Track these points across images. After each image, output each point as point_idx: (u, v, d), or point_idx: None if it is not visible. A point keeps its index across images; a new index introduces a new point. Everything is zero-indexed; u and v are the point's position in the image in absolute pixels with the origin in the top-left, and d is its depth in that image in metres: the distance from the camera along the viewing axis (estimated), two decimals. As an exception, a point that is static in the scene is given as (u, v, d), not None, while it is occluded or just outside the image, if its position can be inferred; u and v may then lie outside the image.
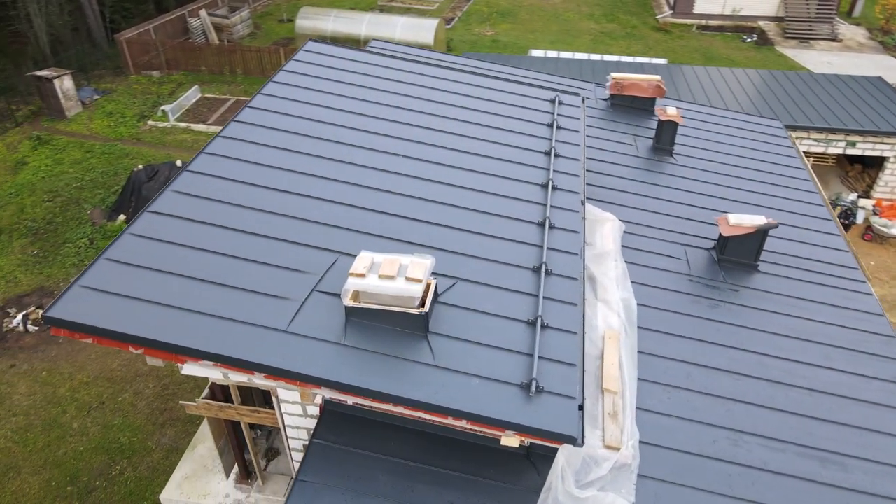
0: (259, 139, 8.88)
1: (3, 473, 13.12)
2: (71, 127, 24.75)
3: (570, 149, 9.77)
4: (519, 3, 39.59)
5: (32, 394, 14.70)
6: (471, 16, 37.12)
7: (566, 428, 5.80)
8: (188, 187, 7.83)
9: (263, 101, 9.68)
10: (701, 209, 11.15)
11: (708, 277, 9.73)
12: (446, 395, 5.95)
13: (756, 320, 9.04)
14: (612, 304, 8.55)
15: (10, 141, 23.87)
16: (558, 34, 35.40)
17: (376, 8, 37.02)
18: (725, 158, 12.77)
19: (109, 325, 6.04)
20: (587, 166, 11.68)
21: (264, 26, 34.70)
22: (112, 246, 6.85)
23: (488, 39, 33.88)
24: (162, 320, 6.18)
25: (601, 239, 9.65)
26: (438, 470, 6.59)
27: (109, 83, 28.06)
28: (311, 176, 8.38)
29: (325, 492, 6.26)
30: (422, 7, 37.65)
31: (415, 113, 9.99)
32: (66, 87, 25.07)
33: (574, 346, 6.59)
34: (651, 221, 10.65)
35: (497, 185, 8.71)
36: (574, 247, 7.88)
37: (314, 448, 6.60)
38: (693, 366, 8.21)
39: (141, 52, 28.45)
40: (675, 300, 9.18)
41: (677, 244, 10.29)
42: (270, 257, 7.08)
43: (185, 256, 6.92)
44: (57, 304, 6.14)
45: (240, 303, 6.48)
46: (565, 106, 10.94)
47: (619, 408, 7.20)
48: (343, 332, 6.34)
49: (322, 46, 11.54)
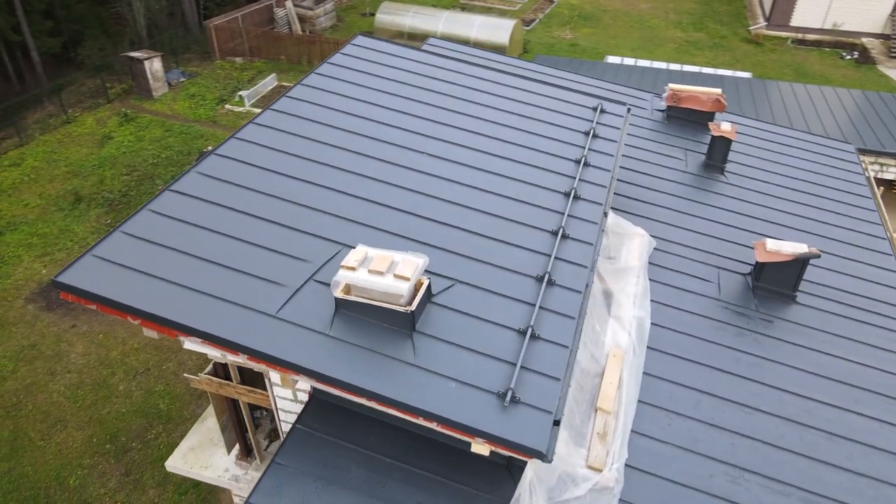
0: (289, 128, 9.10)
1: (52, 425, 14.05)
2: (155, 106, 26.15)
3: (602, 159, 9.52)
4: (603, 7, 38.81)
5: (87, 354, 15.66)
6: (552, 18, 36.69)
7: (535, 442, 5.67)
8: (212, 170, 8.13)
9: (302, 92, 9.92)
10: (744, 231, 10.62)
11: (738, 304, 9.26)
12: (419, 394, 5.93)
13: (782, 354, 8.54)
14: (624, 322, 8.28)
15: (100, 116, 25.46)
16: (640, 41, 34.49)
17: (458, 6, 37.17)
18: (782, 180, 12.11)
19: (111, 294, 6.36)
20: (630, 179, 11.37)
21: (347, 19, 35.52)
22: (129, 220, 7.21)
23: (567, 43, 33.41)
24: (160, 295, 6.46)
25: (626, 254, 9.36)
26: (413, 469, 6.59)
27: (196, 67, 29.45)
28: (333, 167, 8.52)
29: (298, 477, 6.37)
30: (504, 7, 37.52)
31: (449, 112, 9.98)
32: (155, 68, 26.50)
33: (562, 360, 6.42)
34: (687, 240, 10.24)
35: (517, 189, 8.59)
36: (584, 259, 7.68)
37: (295, 433, 6.73)
38: (703, 394, 7.84)
39: (227, 39, 29.70)
40: (696, 324, 8.79)
41: (711, 266, 9.84)
42: (276, 244, 7.26)
43: (196, 236, 7.20)
44: (67, 270, 6.52)
45: (236, 285, 6.68)
46: (608, 115, 10.65)
47: (610, 428, 6.97)
48: (330, 323, 6.43)
49: (370, 41, 11.70)
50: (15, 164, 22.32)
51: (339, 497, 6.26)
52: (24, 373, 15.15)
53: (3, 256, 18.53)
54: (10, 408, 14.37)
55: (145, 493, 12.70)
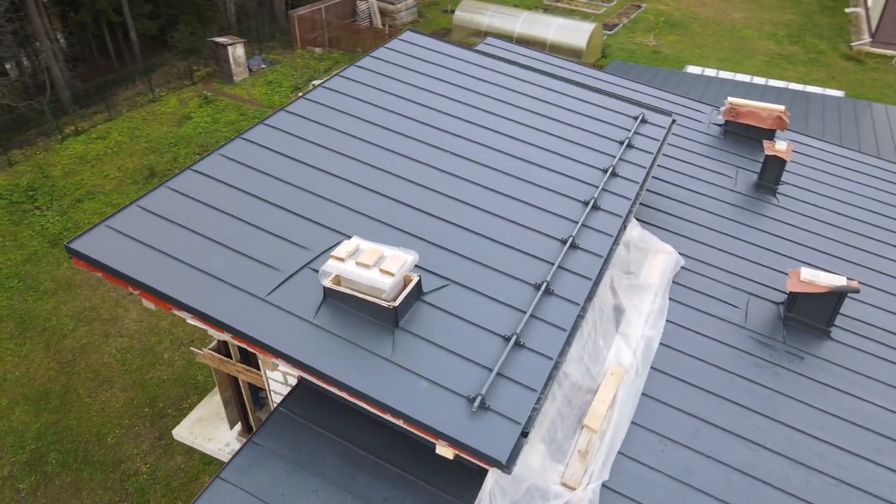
0: (319, 118, 9.29)
1: (100, 384, 14.92)
2: (234, 90, 27.25)
3: (632, 170, 9.20)
4: (693, 15, 37.45)
5: (140, 321, 16.52)
6: (637, 24, 35.72)
7: (496, 451, 5.56)
8: (235, 153, 8.40)
9: (338, 83, 10.10)
10: (786, 258, 10.01)
11: (764, 334, 8.75)
12: (389, 390, 5.94)
13: (802, 390, 8.01)
14: (631, 340, 7.99)
15: (183, 97, 26.77)
16: (729, 52, 33.08)
17: (540, 7, 36.77)
18: (839, 207, 11.33)
19: (114, 264, 6.69)
20: (672, 194, 10.93)
21: (428, 15, 35.82)
22: (146, 195, 7.55)
23: (648, 50, 32.46)
24: (160, 268, 6.74)
25: (648, 270, 9.02)
26: (386, 465, 6.60)
27: (277, 55, 30.47)
28: (352, 159, 8.63)
29: (272, 459, 6.51)
30: (587, 10, 36.83)
31: (480, 111, 9.91)
32: (238, 54, 27.60)
33: (543, 372, 6.26)
34: (721, 262, 9.75)
35: (533, 194, 8.44)
36: (589, 271, 7.45)
37: (277, 415, 6.88)
38: (704, 423, 7.46)
39: (309, 29, 30.58)
40: (712, 349, 8.37)
41: (741, 291, 9.33)
42: (281, 229, 7.43)
43: (207, 216, 7.46)
44: (80, 237, 6.91)
45: (234, 265, 6.89)
46: (649, 125, 10.29)
47: (594, 447, 6.75)
48: (316, 312, 6.52)
49: (419, 38, 11.77)
50: (101, 137, 23.81)
51: (307, 483, 6.35)
52: (82, 333, 16.17)
53: (79, 222, 19.80)
54: (65, 364, 15.37)
55: (173, 459, 13.30)
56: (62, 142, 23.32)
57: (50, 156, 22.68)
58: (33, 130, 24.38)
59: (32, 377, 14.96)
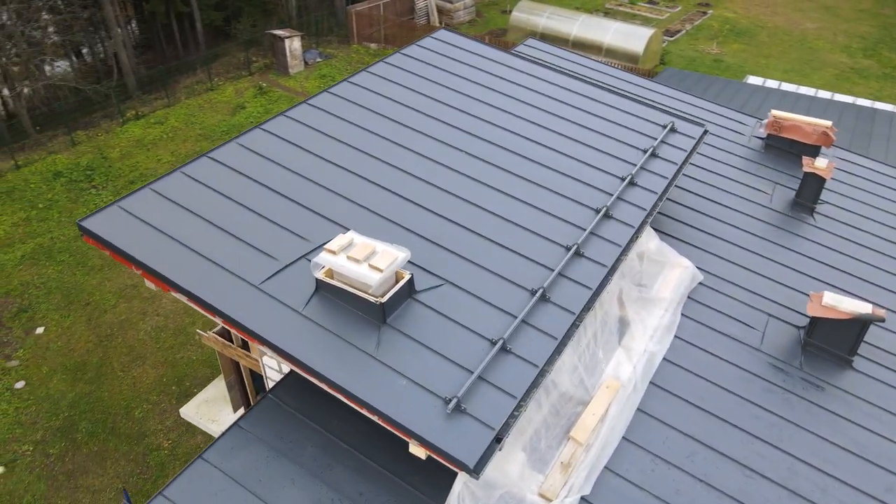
0: (339, 112, 9.38)
1: (133, 360, 15.49)
2: (289, 83, 27.83)
3: (652, 180, 8.95)
4: (762, 24, 36.13)
5: (177, 301, 17.06)
6: (701, 31, 34.71)
7: (465, 455, 5.51)
8: (251, 143, 8.58)
9: (363, 79, 10.18)
10: (814, 280, 9.55)
11: (780, 358, 8.37)
12: (367, 386, 5.95)
13: (813, 420, 7.63)
14: (633, 354, 7.78)
15: (239, 87, 27.51)
16: (796, 63, 31.79)
17: (601, 11, 36.17)
18: (883, 231, 10.73)
19: (122, 244, 6.94)
20: (701, 207, 10.58)
21: (486, 15, 35.73)
22: (160, 179, 7.79)
23: (710, 58, 31.51)
24: (163, 250, 6.95)
25: (662, 284, 8.76)
26: (366, 460, 6.62)
27: (334, 49, 30.97)
28: (367, 154, 8.69)
29: (254, 444, 6.62)
30: (650, 15, 36.01)
31: (503, 113, 9.82)
32: (294, 47, 28.17)
33: (526, 379, 6.16)
34: (743, 280, 9.38)
35: (544, 199, 8.30)
36: (591, 280, 7.28)
37: (265, 402, 6.99)
38: (702, 446, 7.19)
39: (366, 25, 30.95)
40: (721, 370, 8.06)
41: (761, 312, 8.96)
42: (285, 220, 7.54)
43: (215, 202, 7.65)
44: (92, 216, 7.19)
45: (233, 252, 7.03)
46: (678, 135, 9.98)
47: (577, 461, 6.59)
48: (306, 303, 6.60)
49: (452, 37, 11.75)
50: (159, 123, 24.71)
51: (285, 471, 6.44)
52: (122, 309, 16.82)
53: (131, 203, 20.58)
54: (104, 338, 16.02)
55: (193, 438, 13.69)
56: (123, 125, 24.32)
57: (110, 138, 23.68)
58: (98, 113, 25.49)
59: (73, 348, 15.66)
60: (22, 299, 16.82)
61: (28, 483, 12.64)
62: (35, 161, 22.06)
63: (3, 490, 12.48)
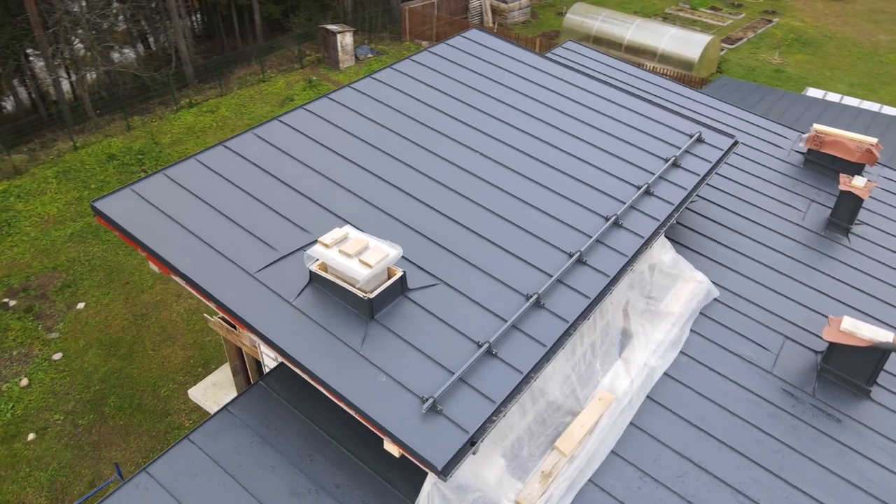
0: (359, 108, 9.46)
1: (164, 340, 15.99)
2: (339, 77, 28.22)
3: (670, 190, 8.70)
4: (830, 34, 34.66)
5: (211, 284, 17.44)
6: (763, 39, 33.55)
7: (435, 456, 5.47)
8: (267, 134, 8.73)
9: (387, 75, 10.23)
10: (840, 304, 9.11)
11: (792, 383, 8.02)
12: (346, 380, 5.98)
13: (819, 450, 7.28)
14: (632, 367, 7.58)
15: (290, 79, 28.06)
16: (864, 77, 30.40)
17: (659, 15, 35.36)
18: (922, 256, 10.15)
19: (128, 226, 7.17)
20: (728, 221, 10.24)
21: (541, 16, 35.41)
22: (175, 165, 8.01)
23: (771, 68, 30.42)
24: (167, 235, 7.14)
25: (672, 298, 8.51)
26: (347, 453, 6.66)
27: (385, 45, 31.24)
28: (379, 150, 8.73)
29: (240, 429, 6.74)
30: (711, 22, 35.00)
31: (524, 115, 9.70)
32: (346, 42, 28.56)
33: (508, 384, 6.08)
34: (763, 299, 9.02)
35: (553, 203, 8.17)
36: (590, 290, 7.12)
37: (255, 389, 7.11)
38: (695, 467, 6.96)
39: (419, 23, 31.11)
40: (726, 391, 7.78)
41: (777, 333, 8.60)
42: (290, 211, 7.65)
43: (224, 191, 7.82)
44: (105, 197, 7.45)
45: (235, 240, 7.17)
46: (704, 145, 9.67)
47: (559, 470, 6.47)
48: (297, 294, 6.68)
49: (484, 37, 11.69)
50: (210, 111, 25.44)
51: (267, 458, 6.53)
52: (159, 290, 17.40)
53: (177, 187, 21.27)
54: (139, 317, 16.61)
55: (214, 417, 14.04)
56: (176, 112, 25.14)
57: (163, 124, 24.52)
58: (155, 100, 26.42)
59: (109, 325, 16.29)
60: (67, 275, 17.59)
61: (56, 451, 13.20)
62: (92, 143, 23.03)
63: (31, 455, 13.08)
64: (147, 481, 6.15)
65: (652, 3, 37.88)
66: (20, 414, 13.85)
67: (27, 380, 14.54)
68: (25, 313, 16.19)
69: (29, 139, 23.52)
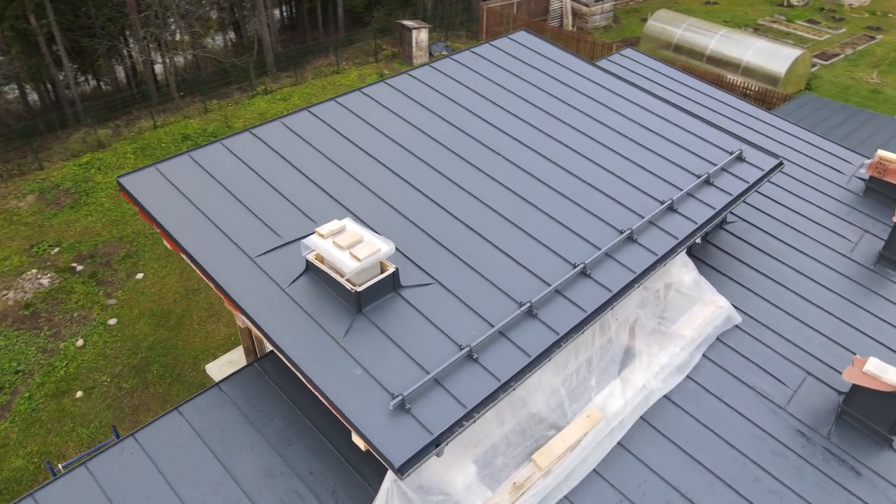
0: (389, 103, 9.55)
1: (210, 316, 16.67)
2: (411, 73, 28.52)
3: (697, 208, 8.33)
4: (939, 55, 32.15)
5: (261, 266, 18.03)
6: (863, 56, 31.52)
7: (394, 454, 5.48)
8: (295, 124, 8.95)
9: (424, 73, 10.28)
10: (877, 343, 8.48)
11: (806, 423, 7.54)
12: (322, 370, 6.07)
13: (823, 497, 6.82)
14: (629, 388, 7.33)
15: (363, 72, 28.61)
16: (971, 103, 28.02)
17: (751, 26, 33.82)
18: (983, 301, 9.30)
19: (147, 204, 7.52)
20: (767, 246, 9.73)
21: (624, 21, 34.57)
22: (200, 148, 8.34)
23: (867, 88, 28.56)
24: (181, 214, 7.45)
25: (686, 320, 8.16)
26: (326, 442, 6.76)
27: (460, 43, 31.34)
28: (401, 147, 8.79)
29: (227, 406, 6.96)
30: (807, 35, 33.18)
31: (556, 121, 9.53)
32: (421, 38, 28.83)
33: (483, 391, 6.00)
34: (789, 330, 8.52)
35: (566, 211, 7.98)
36: (589, 303, 6.93)
37: (249, 370, 7.33)
38: (682, 497, 6.66)
39: (496, 22, 31.02)
40: (730, 422, 7.40)
41: (800, 369, 8.10)
42: (302, 200, 7.82)
43: (243, 176, 8.07)
44: (130, 174, 7.84)
45: (243, 224, 7.41)
46: (745, 164, 9.20)
47: (532, 484, 6.34)
48: (292, 281, 6.82)
49: (530, 39, 11.56)
50: (283, 99, 26.29)
51: (246, 436, 6.72)
52: (213, 266, 18.16)
53: (243, 170, 22.12)
54: (191, 291, 17.39)
55: (246, 394, 14.55)
56: (251, 98, 26.13)
57: (238, 109, 25.53)
58: (234, 85, 27.55)
59: (163, 296, 17.14)
60: (131, 246, 18.62)
61: (98, 410, 14.02)
62: (171, 123, 24.25)
63: (76, 411, 13.95)
64: (133, 446, 6.46)
65: (745, 13, 36.29)
66: (72, 372, 14.79)
67: (83, 341, 15.51)
68: (90, 279, 17.26)
69: (116, 115, 25.01)
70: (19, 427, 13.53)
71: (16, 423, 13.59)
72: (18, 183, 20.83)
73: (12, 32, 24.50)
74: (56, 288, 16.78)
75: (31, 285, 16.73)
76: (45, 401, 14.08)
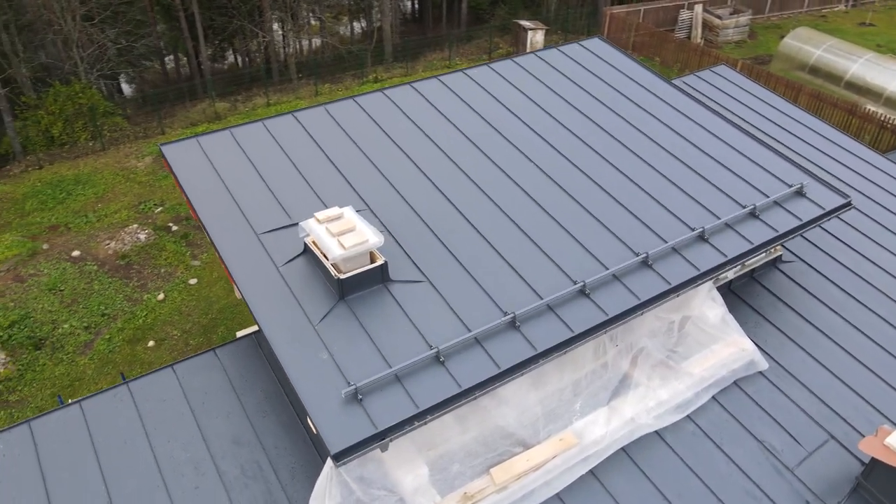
0: (436, 100, 9.59)
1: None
2: (520, 73, 28.33)
3: (732, 242, 7.67)
4: None
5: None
6: None
7: (333, 440, 5.56)
8: (338, 112, 9.21)
9: (479, 72, 10.24)
10: (927, 417, 7.52)
11: (814, 490, 6.83)
12: (290, 348, 6.25)
13: (809, 572, 6.16)
14: (616, 416, 6.98)
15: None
16: None
17: (905, 53, 30.55)
18: None
19: (179, 173, 8.05)
20: (820, 292, 8.89)
21: (761, 37, 32.35)
22: (243, 125, 8.79)
23: None
24: (207, 186, 7.91)
25: (699, 359, 7.61)
26: (297, 420, 6.95)
27: (578, 48, 30.71)
28: (432, 142, 8.81)
29: (217, 371, 7.32)
30: (971, 68, 29.47)
31: (600, 131, 9.15)
32: (536, 39, 28.56)
33: (440, 394, 5.94)
34: (821, 387, 7.76)
35: (585, 227, 7.65)
36: (580, 325, 6.61)
37: (244, 340, 7.67)
38: (645, 543, 6.27)
39: (619, 29, 30.09)
40: (724, 475, 6.85)
41: (823, 430, 7.34)
42: (321, 187, 8.05)
43: (274, 157, 8.43)
44: (173, 143, 8.42)
45: (260, 203, 7.74)
46: (803, 200, 8.39)
47: (485, 497, 6.20)
48: (287, 261, 7.07)
49: (603, 48, 11.18)
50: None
51: (228, 404, 7.04)
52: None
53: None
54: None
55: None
56: (361, 85, 27.05)
57: (346, 94, 26.54)
58: (350, 72, 28.64)
59: (244, 262, 18.23)
60: (225, 212, 19.89)
61: (165, 361, 15.15)
62: (282, 102, 25.61)
63: (146, 359, 15.17)
64: (123, 393, 6.97)
65: (903, 37, 32.86)
66: (150, 322, 16.08)
67: (164, 295, 16.82)
68: (181, 239, 18.65)
69: (237, 91, 26.77)
70: (96, 365, 14.91)
71: (93, 361, 15.00)
72: (141, 145, 22.85)
73: (158, 6, 26.87)
74: (151, 244, 18.29)
75: (131, 238, 18.35)
76: (122, 345, 15.42)
